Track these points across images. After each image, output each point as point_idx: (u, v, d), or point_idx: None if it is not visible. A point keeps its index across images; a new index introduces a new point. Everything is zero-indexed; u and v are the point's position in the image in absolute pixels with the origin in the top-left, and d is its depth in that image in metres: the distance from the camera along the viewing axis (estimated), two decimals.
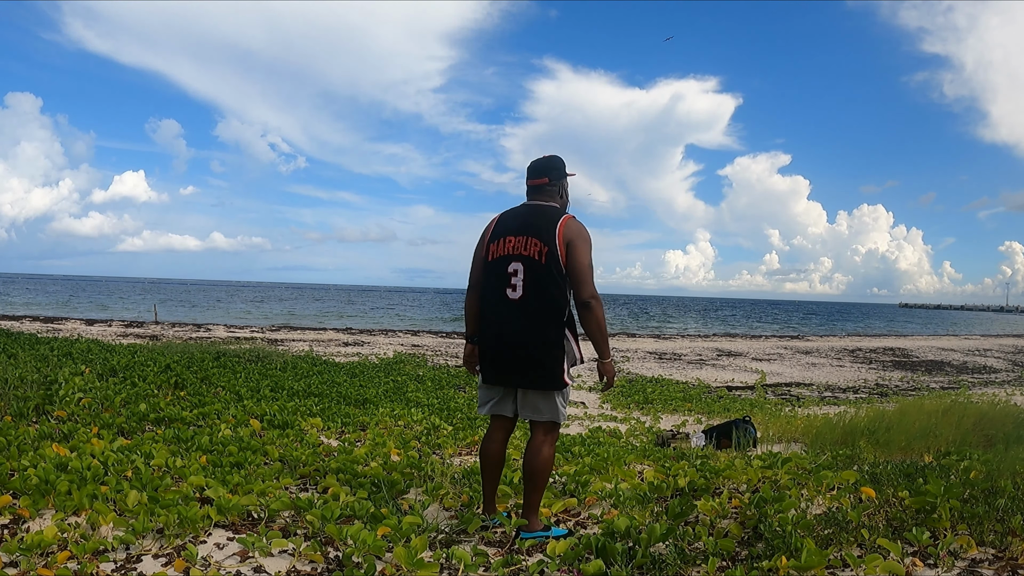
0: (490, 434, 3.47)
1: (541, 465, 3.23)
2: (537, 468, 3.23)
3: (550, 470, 3.32)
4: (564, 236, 3.13)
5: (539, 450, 3.24)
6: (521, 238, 3.17)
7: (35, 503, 3.24)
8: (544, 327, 3.13)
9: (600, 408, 10.48)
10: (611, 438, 7.37)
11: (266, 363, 10.13)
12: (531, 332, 3.14)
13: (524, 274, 3.14)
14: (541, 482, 3.27)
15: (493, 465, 3.46)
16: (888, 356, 23.47)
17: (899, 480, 3.61)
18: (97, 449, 4.19)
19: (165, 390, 7.00)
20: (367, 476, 4.17)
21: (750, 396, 12.74)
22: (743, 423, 6.69)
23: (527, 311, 3.15)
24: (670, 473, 4.32)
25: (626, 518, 3.12)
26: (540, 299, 3.13)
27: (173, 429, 5.15)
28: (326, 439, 5.80)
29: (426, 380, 11.33)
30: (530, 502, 3.28)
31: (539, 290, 3.13)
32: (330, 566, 2.89)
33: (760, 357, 21.59)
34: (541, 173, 3.30)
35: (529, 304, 3.14)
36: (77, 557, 2.74)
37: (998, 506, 3.01)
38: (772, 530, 2.92)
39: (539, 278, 3.12)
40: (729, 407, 10.71)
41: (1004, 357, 24.08)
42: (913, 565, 2.67)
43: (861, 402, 11.52)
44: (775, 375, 16.83)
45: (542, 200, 3.29)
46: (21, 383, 6.08)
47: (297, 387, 8.29)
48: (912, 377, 17.34)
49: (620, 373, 15.76)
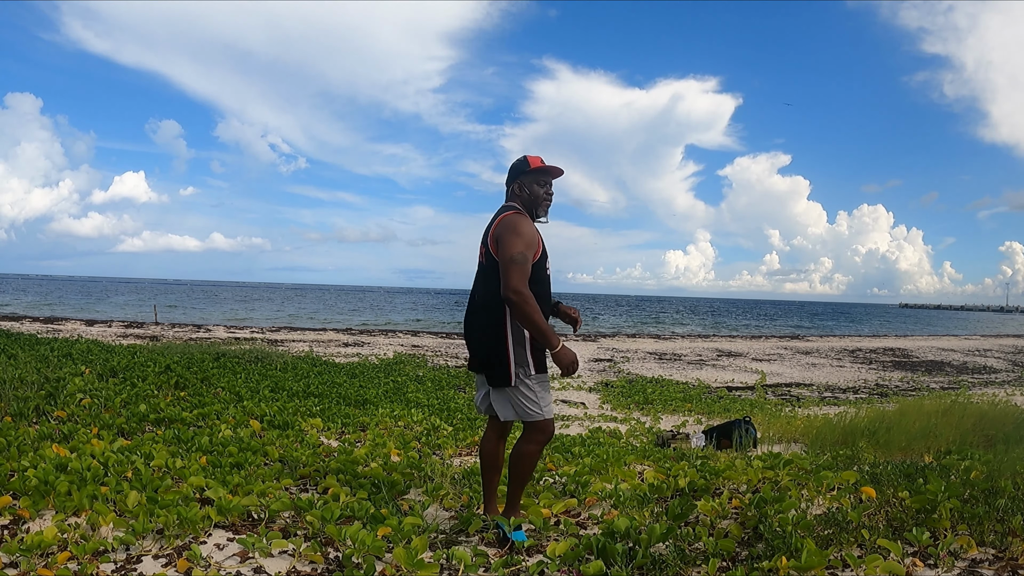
0: (486, 433, 3.53)
1: (515, 459, 3.30)
2: (512, 462, 3.31)
3: (530, 467, 3.31)
4: (495, 232, 3.18)
5: (518, 446, 3.31)
6: (481, 243, 3.33)
7: (35, 504, 3.24)
8: (485, 325, 3.24)
9: (600, 408, 10.48)
10: (611, 438, 7.37)
11: (266, 364, 10.13)
12: (476, 330, 3.34)
13: (476, 275, 3.38)
14: (516, 476, 3.32)
15: (489, 465, 3.48)
16: (888, 356, 23.47)
17: (899, 480, 3.61)
18: (97, 450, 4.19)
19: (165, 391, 7.00)
20: (367, 477, 4.17)
21: (750, 396, 12.74)
22: (743, 423, 6.69)
23: (474, 310, 3.39)
24: (670, 473, 4.32)
25: (626, 518, 3.12)
26: (482, 298, 3.27)
27: (173, 430, 5.15)
28: (326, 440, 5.79)
29: (426, 381, 11.33)
30: (509, 495, 3.37)
31: (482, 289, 3.29)
32: (330, 567, 2.89)
33: (760, 357, 21.59)
34: (507, 179, 3.39)
35: (475, 303, 3.37)
36: (77, 558, 2.74)
37: (998, 506, 3.01)
38: (772, 530, 2.92)
39: (482, 277, 3.30)
40: (729, 407, 10.70)
41: (1004, 357, 24.07)
42: (913, 565, 2.67)
43: (861, 402, 11.51)
44: (775, 375, 16.83)
45: (506, 203, 3.35)
46: (21, 383, 6.08)
47: (297, 388, 8.29)
48: (912, 377, 17.34)
49: (620, 373, 15.75)
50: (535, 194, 3.29)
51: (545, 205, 3.34)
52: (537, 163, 3.29)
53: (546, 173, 3.32)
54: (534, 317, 3.05)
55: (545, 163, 3.31)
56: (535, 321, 3.06)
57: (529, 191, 3.29)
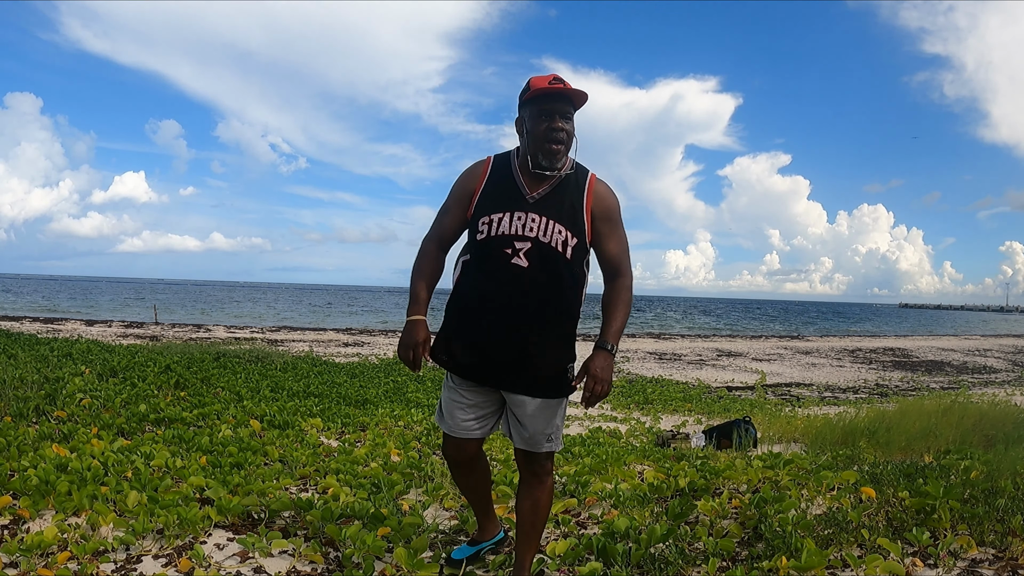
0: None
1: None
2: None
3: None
4: None
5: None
6: None
7: (35, 504, 3.24)
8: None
9: (600, 408, 10.48)
10: (611, 438, 7.36)
11: (266, 363, 10.13)
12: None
13: None
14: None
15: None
16: (888, 356, 23.46)
17: (899, 480, 3.61)
18: (97, 450, 4.19)
19: (165, 391, 7.00)
20: (367, 477, 4.17)
21: (750, 396, 12.74)
22: (743, 423, 6.69)
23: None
24: (670, 473, 4.32)
25: (626, 518, 3.13)
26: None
27: (173, 430, 5.15)
28: (326, 440, 5.79)
29: (426, 381, 11.33)
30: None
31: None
32: (330, 567, 2.89)
33: (760, 357, 21.58)
34: None
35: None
36: (77, 558, 2.74)
37: (998, 506, 3.01)
38: (772, 530, 2.92)
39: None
40: (729, 407, 10.70)
41: (1004, 357, 24.06)
42: (913, 565, 2.67)
43: (861, 402, 11.51)
44: (775, 375, 16.83)
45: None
46: (21, 383, 6.09)
47: (297, 387, 8.29)
48: (912, 377, 17.33)
49: (620, 373, 15.75)
50: (534, 132, 2.36)
51: (548, 148, 2.33)
52: (539, 85, 2.34)
53: (547, 99, 2.33)
54: (411, 277, 2.46)
55: (553, 84, 2.33)
56: (412, 273, 2.47)
57: (529, 127, 2.38)
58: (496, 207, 2.37)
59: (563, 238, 2.35)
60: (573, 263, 2.38)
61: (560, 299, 2.39)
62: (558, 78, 2.36)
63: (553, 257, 2.34)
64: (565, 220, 2.36)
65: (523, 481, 2.59)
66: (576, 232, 2.37)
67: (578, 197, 2.40)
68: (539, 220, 2.35)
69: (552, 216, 2.36)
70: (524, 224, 2.35)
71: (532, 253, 2.33)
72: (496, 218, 2.36)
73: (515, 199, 2.38)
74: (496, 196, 2.39)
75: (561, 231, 2.35)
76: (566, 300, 2.41)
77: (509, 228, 2.35)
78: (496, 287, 2.36)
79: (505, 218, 2.36)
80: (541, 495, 2.54)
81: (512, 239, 2.34)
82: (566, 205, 2.38)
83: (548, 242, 2.34)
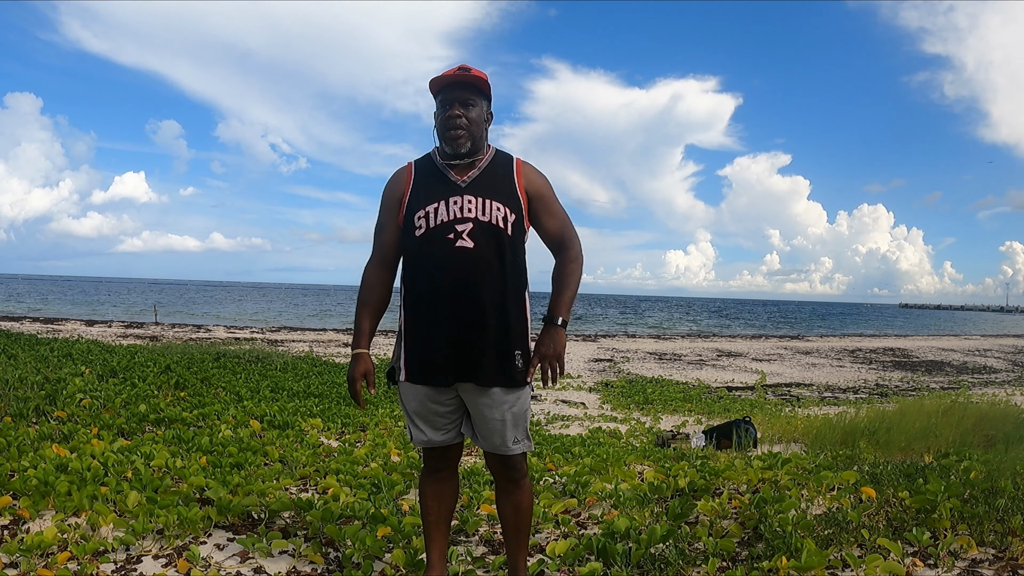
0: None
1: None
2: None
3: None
4: None
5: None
6: None
7: (35, 504, 3.24)
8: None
9: (600, 408, 10.48)
10: (611, 439, 7.37)
11: (266, 364, 10.13)
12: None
13: None
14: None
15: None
16: (888, 356, 23.47)
17: (899, 480, 3.61)
18: (97, 450, 4.19)
19: (165, 391, 7.00)
20: (367, 477, 4.17)
21: (750, 396, 12.74)
22: (743, 423, 6.69)
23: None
24: (670, 474, 4.32)
25: (626, 519, 3.12)
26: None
27: (173, 430, 5.16)
28: (326, 440, 5.80)
29: None
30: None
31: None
32: (330, 567, 2.89)
33: (760, 357, 21.59)
34: None
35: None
36: (77, 558, 2.74)
37: (998, 506, 3.01)
38: (772, 530, 2.92)
39: None
40: (729, 407, 10.71)
41: (1004, 357, 24.07)
42: (913, 565, 2.67)
43: (861, 402, 11.51)
44: (775, 375, 16.83)
45: None
46: (21, 384, 6.09)
47: (297, 388, 8.29)
48: (912, 377, 17.34)
49: (620, 373, 15.75)
50: (437, 122, 2.40)
51: (448, 135, 2.34)
52: (436, 81, 2.37)
53: (445, 88, 2.36)
54: (356, 308, 2.51)
55: (457, 74, 2.35)
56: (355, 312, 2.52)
57: (435, 120, 2.42)
58: (429, 199, 2.34)
59: (502, 215, 2.32)
60: (515, 239, 2.36)
61: (510, 277, 2.33)
62: (464, 67, 2.36)
63: (496, 233, 2.31)
64: (501, 197, 2.34)
65: (500, 488, 2.52)
66: (514, 208, 2.35)
67: (508, 176, 2.40)
68: (475, 200, 2.32)
69: (488, 195, 2.33)
70: (461, 207, 2.31)
71: (475, 233, 2.29)
72: (432, 209, 2.33)
73: (447, 187, 2.36)
74: (426, 190, 2.37)
75: (499, 207, 2.32)
76: (516, 278, 2.35)
77: (447, 214, 2.31)
78: (446, 275, 2.29)
79: (441, 206, 2.33)
80: (521, 498, 2.48)
81: (453, 224, 2.30)
82: (498, 183, 2.37)
83: (488, 220, 2.31)
